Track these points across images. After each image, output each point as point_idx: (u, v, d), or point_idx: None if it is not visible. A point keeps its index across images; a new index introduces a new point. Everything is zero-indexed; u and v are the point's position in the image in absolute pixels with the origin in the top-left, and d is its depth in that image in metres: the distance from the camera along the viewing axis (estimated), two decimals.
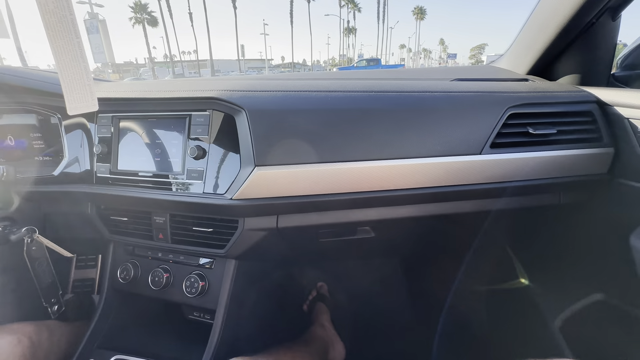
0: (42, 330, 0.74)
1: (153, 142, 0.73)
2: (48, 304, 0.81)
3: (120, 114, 0.74)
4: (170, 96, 0.68)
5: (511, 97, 0.69)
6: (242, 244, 0.72)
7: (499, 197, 0.73)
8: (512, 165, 0.68)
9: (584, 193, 0.76)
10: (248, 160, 0.62)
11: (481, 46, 74.34)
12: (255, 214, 0.69)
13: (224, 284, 0.76)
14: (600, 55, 0.81)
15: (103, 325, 0.82)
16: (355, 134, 0.63)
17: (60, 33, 0.46)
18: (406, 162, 0.64)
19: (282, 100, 0.64)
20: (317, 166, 0.62)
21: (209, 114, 0.68)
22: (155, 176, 0.71)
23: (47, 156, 0.84)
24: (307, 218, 0.71)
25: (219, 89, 0.66)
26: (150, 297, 0.81)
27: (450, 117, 0.66)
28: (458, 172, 0.66)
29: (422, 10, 59.83)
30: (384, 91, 0.67)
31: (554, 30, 0.77)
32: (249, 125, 0.61)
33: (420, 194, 0.68)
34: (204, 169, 0.68)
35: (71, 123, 0.77)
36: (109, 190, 0.74)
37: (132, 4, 36.32)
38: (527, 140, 0.69)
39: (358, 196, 0.66)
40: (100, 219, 0.82)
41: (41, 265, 0.79)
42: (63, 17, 0.47)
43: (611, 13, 0.74)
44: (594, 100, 0.72)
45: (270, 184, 0.62)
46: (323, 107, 0.64)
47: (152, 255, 0.82)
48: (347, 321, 1.21)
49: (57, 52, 0.47)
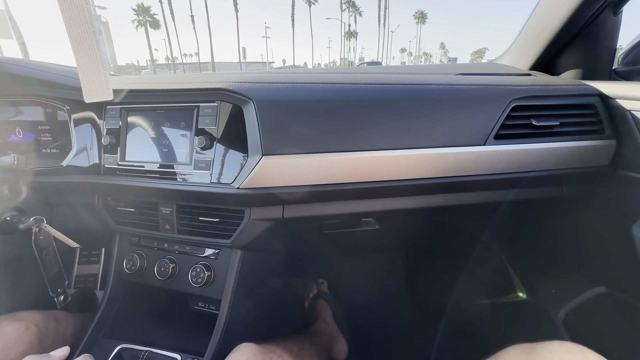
0: (49, 319, 0.74)
1: (161, 133, 0.74)
2: (54, 293, 0.82)
3: (129, 105, 0.75)
4: (180, 87, 0.69)
5: (514, 89, 0.70)
6: (248, 234, 0.73)
7: (503, 188, 0.73)
8: (515, 156, 0.68)
9: (587, 185, 0.77)
10: (255, 150, 0.63)
11: (482, 50, 74.60)
12: (262, 204, 0.70)
13: (230, 273, 0.76)
14: (602, 50, 0.82)
15: (108, 316, 0.83)
16: (360, 125, 0.64)
17: (76, 22, 0.47)
18: (411, 152, 0.65)
19: (289, 91, 0.65)
20: (323, 156, 0.63)
21: (217, 105, 0.69)
22: (163, 166, 0.72)
23: (54, 148, 0.85)
24: (312, 208, 0.72)
25: (226, 80, 0.67)
26: (156, 288, 0.81)
27: (454, 109, 0.67)
28: (462, 162, 0.67)
29: (423, 14, 60.15)
30: (389, 83, 0.68)
31: (557, 24, 0.78)
32: (257, 115, 0.62)
33: (425, 185, 0.69)
34: (211, 159, 0.69)
35: (80, 115, 0.78)
36: (117, 180, 0.75)
37: (135, 7, 36.59)
38: (531, 132, 0.70)
39: (363, 186, 0.67)
40: (106, 209, 0.83)
41: (48, 254, 0.80)
42: (79, 6, 0.48)
43: (613, 7, 0.75)
44: (596, 94, 0.73)
45: (277, 173, 0.63)
46: (329, 98, 0.65)
47: (157, 246, 0.83)
48: (348, 317, 1.22)
49: (74, 41, 0.48)
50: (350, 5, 52.13)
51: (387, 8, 47.46)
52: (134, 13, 36.71)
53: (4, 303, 0.85)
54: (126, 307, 0.86)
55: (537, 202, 0.79)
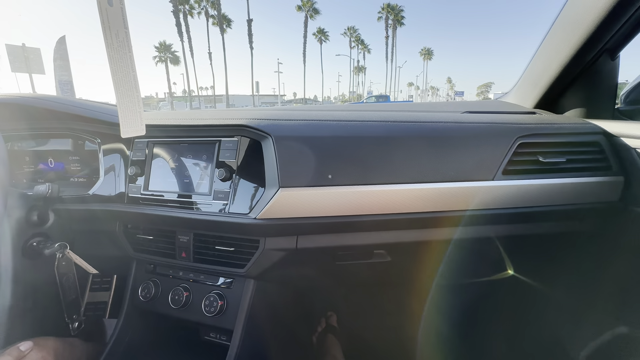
0: (66, 346, 0.75)
1: (183, 165, 0.78)
2: (70, 319, 0.83)
3: (155, 139, 0.81)
4: (205, 123, 0.74)
5: (520, 127, 0.73)
6: (262, 264, 0.74)
7: (512, 223, 0.74)
8: (524, 191, 0.70)
9: (598, 220, 0.78)
10: (273, 182, 0.67)
11: (488, 84, 76.29)
12: (277, 234, 0.72)
13: (242, 303, 0.77)
14: (603, 91, 0.85)
15: (121, 344, 0.83)
16: (371, 160, 0.68)
17: (120, 67, 0.54)
18: (422, 187, 0.68)
19: (304, 127, 0.70)
20: (337, 188, 0.66)
21: (237, 139, 0.74)
22: (184, 196, 0.76)
23: (82, 177, 0.90)
24: (325, 239, 0.74)
25: (247, 117, 0.72)
26: (169, 317, 0.82)
27: (462, 146, 0.70)
28: (471, 196, 0.69)
29: (429, 51, 62.58)
30: (399, 121, 0.73)
31: (557, 68, 0.82)
32: (275, 149, 0.66)
33: (435, 218, 0.70)
34: (230, 190, 0.72)
35: (109, 146, 0.84)
36: (140, 209, 0.78)
37: (157, 44, 39.14)
38: (538, 168, 0.72)
39: (376, 218, 0.69)
40: (126, 237, 0.86)
41: (68, 280, 0.82)
42: (124, 54, 0.55)
43: (610, 54, 0.80)
44: (600, 132, 0.75)
45: (293, 204, 0.66)
46: (342, 134, 0.69)
47: (173, 274, 0.85)
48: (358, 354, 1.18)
49: (116, 83, 0.54)
50: (359, 42, 54.79)
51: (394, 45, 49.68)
52: (156, 50, 39.25)
53: (19, 326, 0.86)
54: (138, 336, 0.87)
55: (548, 237, 0.79)
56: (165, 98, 52.22)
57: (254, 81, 36.70)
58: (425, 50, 62.42)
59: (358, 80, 61.18)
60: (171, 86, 38.11)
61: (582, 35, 0.74)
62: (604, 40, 0.75)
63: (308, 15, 41.90)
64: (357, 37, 53.96)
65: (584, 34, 0.73)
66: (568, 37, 0.77)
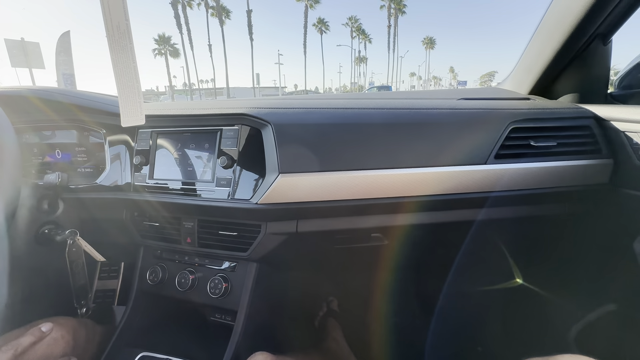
0: (82, 326, 0.79)
1: (186, 154, 0.81)
2: (78, 305, 0.87)
3: (158, 129, 0.83)
4: (205, 112, 0.77)
5: (513, 113, 0.75)
6: (263, 247, 0.78)
7: (506, 205, 0.77)
8: (515, 174, 0.73)
9: (588, 202, 0.80)
10: (273, 168, 0.69)
11: (491, 73, 75.29)
12: (277, 219, 0.75)
13: (246, 285, 0.81)
14: (595, 75, 0.87)
15: (131, 326, 0.87)
16: (369, 146, 0.70)
17: (121, 58, 0.56)
18: (417, 171, 0.70)
19: (303, 115, 0.72)
20: (335, 174, 0.69)
21: (238, 128, 0.76)
22: (187, 184, 0.79)
23: (88, 168, 0.93)
24: (324, 223, 0.77)
25: (247, 106, 0.75)
26: (176, 299, 0.86)
27: (456, 131, 0.73)
28: (465, 180, 0.72)
29: (431, 40, 61.74)
30: (395, 108, 0.75)
31: (550, 54, 0.84)
32: (275, 137, 0.69)
33: (429, 201, 0.73)
34: (232, 177, 0.75)
35: (114, 137, 0.87)
36: (145, 197, 0.82)
37: (156, 37, 38.83)
38: (530, 152, 0.74)
39: (372, 202, 0.72)
40: (133, 224, 0.89)
41: (77, 266, 0.86)
42: (124, 45, 0.57)
43: (601, 39, 0.81)
44: (591, 116, 0.77)
45: (292, 190, 0.69)
46: (340, 121, 0.71)
47: (179, 258, 0.88)
48: (359, 336, 1.22)
49: (117, 74, 0.56)
50: (360, 33, 54.10)
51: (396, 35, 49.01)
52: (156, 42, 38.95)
53: (32, 311, 0.91)
54: (147, 318, 0.91)
55: (540, 219, 0.81)
56: (165, 92, 52.05)
57: (255, 73, 36.49)
58: (427, 40, 61.57)
59: (359, 71, 60.62)
60: (171, 79, 37.97)
61: (574, 20, 0.75)
62: (595, 24, 0.76)
63: (308, 5, 41.32)
64: (358, 27, 53.25)
65: (575, 18, 0.75)
66: (560, 23, 0.78)
